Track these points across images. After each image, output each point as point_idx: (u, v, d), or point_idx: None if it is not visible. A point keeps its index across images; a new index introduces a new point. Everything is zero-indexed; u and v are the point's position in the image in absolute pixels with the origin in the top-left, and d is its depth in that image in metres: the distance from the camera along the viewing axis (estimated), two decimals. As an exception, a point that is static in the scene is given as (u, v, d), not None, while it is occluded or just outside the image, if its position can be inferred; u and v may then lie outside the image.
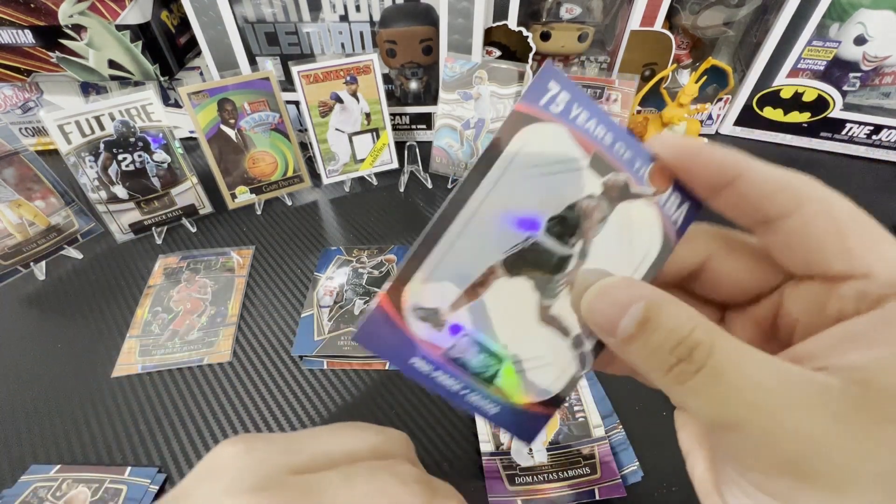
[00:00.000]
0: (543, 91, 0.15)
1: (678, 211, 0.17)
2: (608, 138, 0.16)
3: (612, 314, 0.15)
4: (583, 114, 0.16)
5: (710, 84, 0.68)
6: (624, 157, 0.16)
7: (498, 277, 0.16)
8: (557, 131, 0.16)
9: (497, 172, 0.15)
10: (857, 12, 0.63)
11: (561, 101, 0.15)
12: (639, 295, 0.14)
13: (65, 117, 0.50)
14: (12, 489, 0.36)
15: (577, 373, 0.18)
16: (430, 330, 0.16)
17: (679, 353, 0.14)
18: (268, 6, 0.63)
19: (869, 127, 0.69)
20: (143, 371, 0.45)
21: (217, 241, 0.58)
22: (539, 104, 0.15)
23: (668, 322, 0.14)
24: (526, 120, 0.15)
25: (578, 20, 0.70)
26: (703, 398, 0.13)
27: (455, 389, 0.17)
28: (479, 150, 0.63)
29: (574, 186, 0.16)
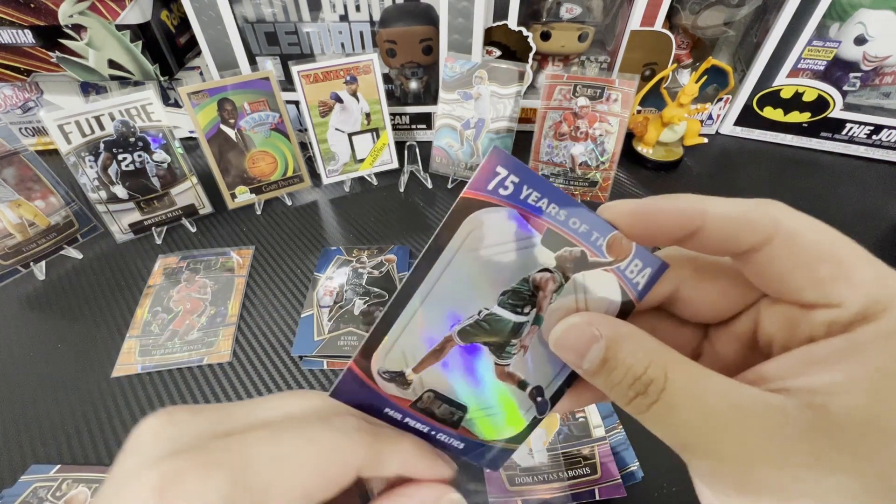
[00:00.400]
0: (492, 176, 0.16)
1: (640, 274, 0.17)
2: (562, 215, 0.17)
3: (577, 350, 0.16)
4: (533, 193, 0.16)
5: (711, 84, 0.68)
6: (580, 230, 0.17)
7: (455, 345, 0.18)
8: (506, 214, 0.16)
9: (448, 255, 0.17)
10: (857, 12, 0.63)
11: (510, 183, 0.16)
12: (598, 333, 0.16)
13: (65, 117, 0.50)
14: (12, 489, 0.36)
15: (536, 416, 0.19)
16: (397, 388, 0.18)
17: (636, 388, 0.15)
18: (268, 6, 0.63)
19: (869, 127, 0.69)
20: (142, 371, 0.45)
21: (217, 241, 0.58)
22: (487, 189, 0.16)
23: (626, 360, 0.15)
24: (474, 205, 0.16)
25: (578, 20, 0.70)
26: (660, 427, 0.15)
27: (426, 431, 0.19)
28: (479, 151, 0.63)
29: (527, 262, 0.17)
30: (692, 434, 0.14)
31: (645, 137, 0.68)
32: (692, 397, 0.14)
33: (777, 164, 0.71)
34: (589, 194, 0.62)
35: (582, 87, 0.57)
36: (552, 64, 0.74)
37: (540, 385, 0.19)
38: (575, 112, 0.58)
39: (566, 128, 0.59)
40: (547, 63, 0.74)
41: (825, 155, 0.73)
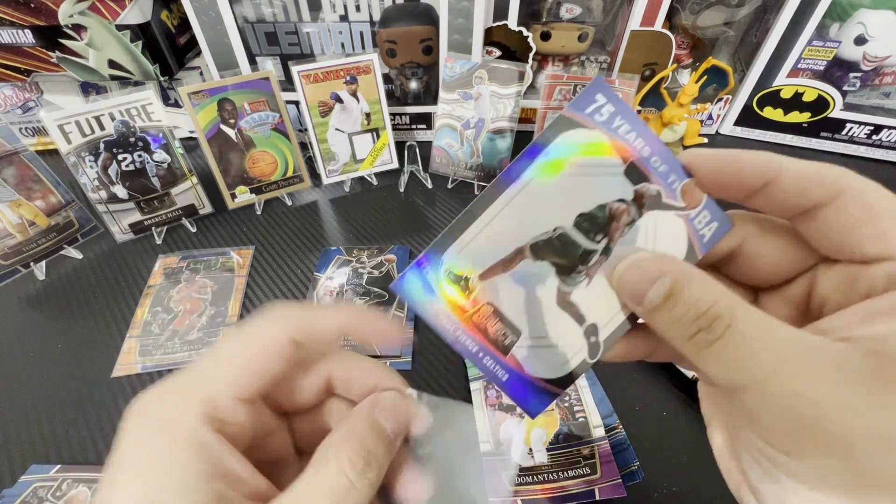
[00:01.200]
0: (591, 101, 0.17)
1: (707, 227, 0.18)
2: (646, 150, 0.17)
3: (641, 285, 0.16)
4: (624, 126, 0.17)
5: (711, 84, 0.68)
6: (659, 169, 0.18)
7: (525, 258, 0.18)
8: (598, 138, 0.17)
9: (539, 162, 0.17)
10: (857, 12, 0.63)
11: (605, 111, 0.17)
12: (667, 269, 0.16)
13: (65, 117, 0.50)
14: (12, 489, 0.36)
15: (586, 359, 0.19)
16: (459, 293, 0.18)
17: (700, 324, 0.15)
18: (268, 6, 0.63)
19: (869, 127, 0.69)
20: (143, 371, 0.45)
21: (217, 241, 0.58)
22: (585, 112, 0.17)
23: (692, 296, 0.15)
24: (571, 124, 0.17)
25: (578, 20, 0.70)
26: (720, 364, 0.15)
27: (473, 350, 0.18)
28: (479, 151, 0.63)
29: (607, 189, 0.18)
30: (756, 370, 0.14)
31: (645, 137, 0.68)
32: (757, 337, 0.14)
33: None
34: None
35: (582, 87, 0.57)
36: (552, 64, 0.74)
37: (596, 324, 0.19)
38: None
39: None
40: (547, 63, 0.74)
41: (825, 155, 0.73)
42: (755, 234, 0.19)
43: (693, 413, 0.41)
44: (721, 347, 0.15)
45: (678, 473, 0.37)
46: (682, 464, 0.38)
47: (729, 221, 0.18)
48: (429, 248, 0.18)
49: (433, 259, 0.18)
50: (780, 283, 0.19)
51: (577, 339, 0.19)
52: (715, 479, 0.38)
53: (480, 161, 0.64)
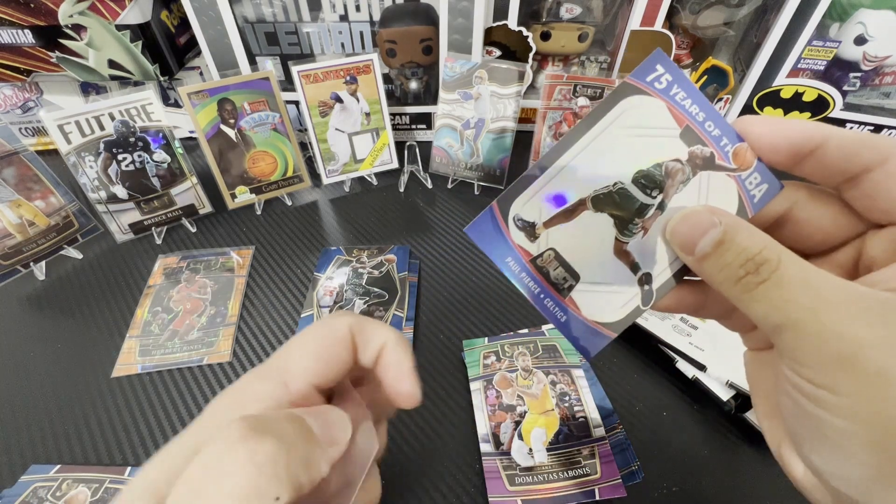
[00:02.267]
0: (651, 70, 0.19)
1: (757, 188, 0.19)
2: (701, 116, 0.19)
3: (693, 234, 0.17)
4: (681, 93, 0.19)
5: (711, 84, 0.68)
6: (713, 133, 0.19)
7: (586, 209, 0.20)
8: (657, 104, 0.19)
9: (602, 126, 0.19)
10: (857, 12, 0.63)
11: (664, 80, 0.19)
12: (719, 220, 0.17)
13: (65, 117, 0.50)
14: (12, 489, 0.36)
15: (640, 305, 0.20)
16: (525, 238, 0.20)
17: (748, 268, 0.16)
18: (268, 6, 0.63)
19: (869, 127, 0.69)
20: (142, 371, 0.45)
21: (217, 241, 0.58)
22: (646, 80, 0.19)
23: (742, 242, 0.16)
24: (632, 90, 0.19)
25: (578, 20, 0.70)
26: (766, 304, 0.15)
27: (535, 292, 0.20)
28: (479, 151, 0.63)
29: (664, 149, 0.19)
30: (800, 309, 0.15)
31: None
32: (802, 279, 0.15)
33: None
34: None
35: (582, 87, 0.57)
36: (552, 64, 0.74)
37: (650, 273, 0.20)
38: (575, 112, 0.58)
39: (566, 128, 0.59)
40: (547, 63, 0.74)
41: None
42: (805, 200, 0.19)
43: (693, 413, 0.41)
44: (767, 288, 0.15)
45: (678, 473, 0.37)
46: (682, 464, 0.38)
47: (779, 183, 0.19)
48: (500, 196, 0.20)
49: (504, 205, 0.20)
50: (829, 250, 0.20)
51: (631, 286, 0.20)
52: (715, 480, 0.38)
53: (480, 161, 0.64)
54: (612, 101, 0.19)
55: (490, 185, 0.65)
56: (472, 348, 0.45)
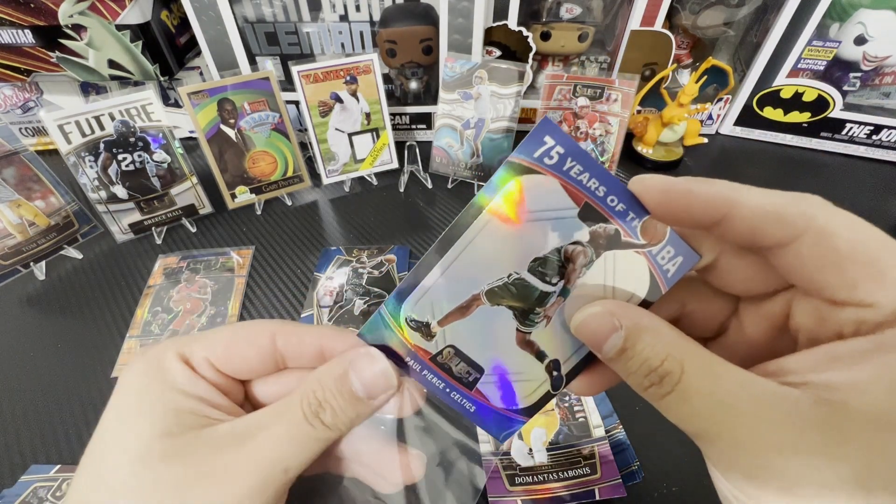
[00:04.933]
0: (539, 143, 0.17)
1: (671, 262, 0.18)
2: (601, 190, 0.17)
3: (598, 337, 0.17)
4: (576, 167, 0.17)
5: (711, 84, 0.68)
6: (617, 208, 0.17)
7: (482, 304, 0.18)
8: (549, 182, 0.17)
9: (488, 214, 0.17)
10: (857, 12, 0.63)
11: (555, 153, 0.17)
12: (619, 324, 0.16)
13: (65, 117, 0.50)
14: (12, 489, 0.36)
15: (550, 391, 0.19)
16: (421, 338, 0.19)
17: (652, 379, 0.15)
18: (268, 6, 0.63)
19: (869, 127, 0.69)
20: (142, 371, 0.45)
21: (217, 241, 0.58)
22: (534, 156, 0.17)
23: (643, 353, 0.16)
24: (519, 170, 0.17)
25: (578, 20, 0.70)
26: (673, 416, 0.15)
27: (440, 387, 0.19)
28: (479, 151, 0.63)
29: (561, 232, 0.17)
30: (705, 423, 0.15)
31: (645, 137, 0.68)
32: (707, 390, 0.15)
33: (777, 164, 0.71)
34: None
35: (582, 87, 0.57)
36: (552, 64, 0.74)
37: (557, 359, 0.19)
38: (575, 112, 0.58)
39: (566, 128, 0.59)
40: (547, 63, 0.74)
41: (825, 155, 0.73)
42: (730, 251, 0.18)
43: (693, 413, 0.41)
44: (672, 401, 0.15)
45: (678, 473, 0.37)
46: (682, 464, 0.38)
47: (695, 255, 0.18)
48: (390, 295, 0.19)
49: (395, 306, 0.19)
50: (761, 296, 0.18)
51: (538, 373, 0.19)
52: (715, 479, 0.38)
53: (480, 161, 0.64)
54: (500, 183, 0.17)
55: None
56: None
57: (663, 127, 0.67)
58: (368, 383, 0.19)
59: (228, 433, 0.18)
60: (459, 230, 0.17)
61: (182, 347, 0.20)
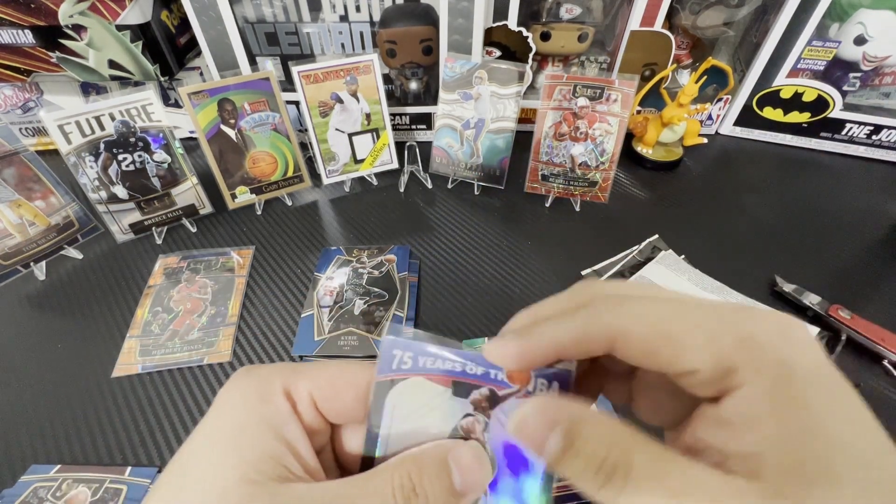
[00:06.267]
0: (390, 360, 0.19)
1: (550, 390, 0.19)
2: (458, 366, 0.19)
3: (538, 437, 0.16)
4: (428, 359, 0.19)
5: (710, 84, 0.68)
6: (477, 373, 0.19)
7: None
8: (415, 382, 0.19)
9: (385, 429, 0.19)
10: (857, 12, 0.63)
11: (407, 358, 0.19)
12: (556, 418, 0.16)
13: (65, 117, 0.50)
14: (12, 489, 0.36)
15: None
16: None
17: (605, 473, 0.15)
18: (268, 6, 0.64)
19: (869, 127, 0.69)
20: (143, 371, 0.45)
21: (217, 241, 0.58)
22: (392, 369, 0.19)
23: (587, 445, 0.15)
24: (388, 385, 0.19)
25: (578, 20, 0.70)
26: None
27: None
28: (479, 151, 0.63)
29: (450, 413, 0.19)
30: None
31: (645, 138, 0.68)
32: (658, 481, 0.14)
33: (777, 164, 0.71)
34: (589, 194, 0.62)
35: (582, 87, 0.57)
36: (552, 64, 0.74)
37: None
38: (575, 112, 0.58)
39: (566, 128, 0.59)
40: (547, 63, 0.74)
41: (825, 155, 0.73)
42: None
43: (693, 413, 0.41)
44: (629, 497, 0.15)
45: (678, 473, 0.37)
46: (682, 464, 0.38)
47: (566, 372, 0.19)
48: None
49: None
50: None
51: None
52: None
53: (480, 161, 0.64)
54: (379, 408, 0.19)
55: (490, 185, 0.65)
56: (473, 348, 0.45)
57: (663, 127, 0.67)
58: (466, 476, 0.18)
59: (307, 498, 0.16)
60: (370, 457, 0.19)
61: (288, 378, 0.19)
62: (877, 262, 0.56)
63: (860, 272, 0.54)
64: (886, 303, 0.50)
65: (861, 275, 0.54)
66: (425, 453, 0.18)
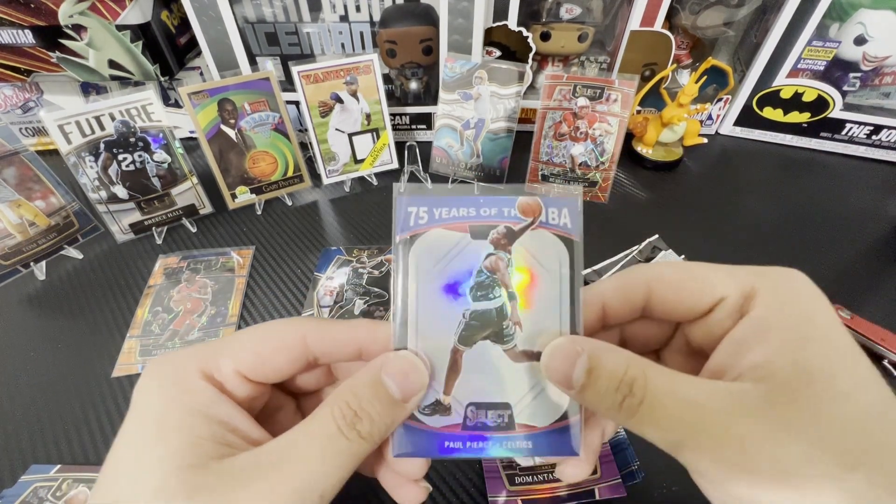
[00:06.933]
0: (406, 216, 0.20)
1: (561, 216, 0.20)
2: (472, 211, 0.20)
3: (565, 368, 0.18)
4: (443, 209, 0.20)
5: (710, 84, 0.68)
6: (491, 213, 0.20)
7: (462, 352, 0.20)
8: (434, 233, 0.20)
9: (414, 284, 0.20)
10: (857, 12, 0.63)
11: (423, 213, 0.20)
12: (581, 349, 0.18)
13: (65, 117, 0.50)
14: (12, 489, 0.36)
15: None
16: (441, 417, 0.20)
17: (623, 391, 0.16)
18: (268, 6, 0.64)
19: (869, 127, 0.69)
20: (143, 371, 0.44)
21: (217, 241, 0.58)
22: (410, 226, 0.20)
23: (608, 366, 0.17)
24: (407, 242, 0.20)
25: (578, 20, 0.70)
26: (653, 427, 0.16)
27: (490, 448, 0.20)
28: (479, 151, 0.63)
29: (472, 258, 0.20)
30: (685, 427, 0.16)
31: (644, 138, 0.68)
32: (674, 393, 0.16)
33: (777, 165, 0.71)
34: (589, 194, 0.62)
35: (582, 87, 0.57)
36: (552, 64, 0.74)
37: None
38: (575, 112, 0.58)
39: (566, 128, 0.59)
40: (547, 63, 0.74)
41: (825, 155, 0.73)
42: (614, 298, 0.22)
43: (693, 413, 0.41)
44: (647, 411, 0.16)
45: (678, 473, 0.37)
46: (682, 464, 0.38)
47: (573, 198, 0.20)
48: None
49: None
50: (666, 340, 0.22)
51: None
52: (715, 479, 0.38)
53: (480, 161, 0.64)
54: (404, 261, 0.20)
55: (490, 186, 0.65)
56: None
57: (663, 127, 0.67)
58: (402, 385, 0.19)
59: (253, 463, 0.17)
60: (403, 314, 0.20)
61: (206, 362, 0.19)
62: (877, 262, 0.56)
63: (860, 272, 0.54)
64: (886, 303, 0.50)
65: (861, 275, 0.54)
66: (357, 379, 0.19)
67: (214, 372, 0.19)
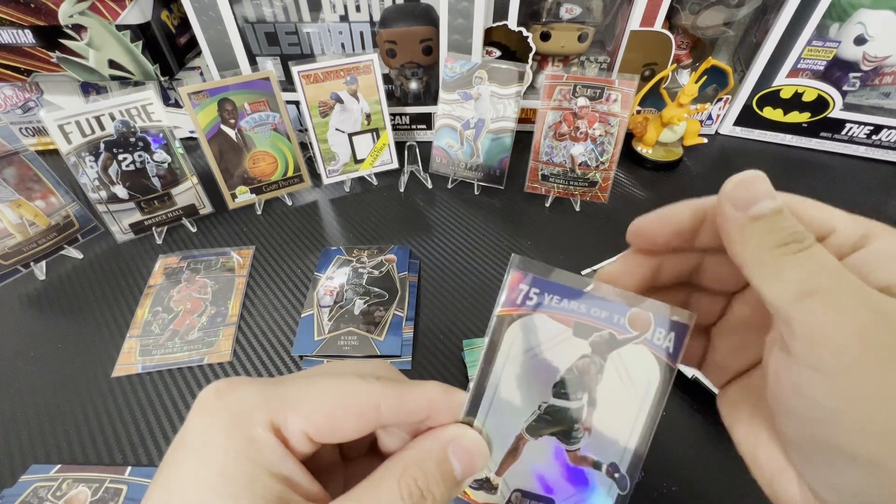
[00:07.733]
0: (517, 292, 0.19)
1: (667, 339, 0.19)
2: (583, 308, 0.19)
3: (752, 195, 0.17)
4: (554, 298, 0.19)
5: (710, 84, 0.68)
6: (602, 316, 0.19)
7: (526, 441, 0.20)
8: (538, 319, 0.19)
9: (501, 363, 0.19)
10: (857, 12, 0.63)
11: (533, 294, 0.19)
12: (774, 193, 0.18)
13: (65, 117, 0.50)
14: (12, 489, 0.36)
15: (619, 493, 0.20)
16: (486, 494, 0.20)
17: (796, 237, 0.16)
18: (268, 6, 0.63)
19: (869, 127, 0.69)
20: (143, 371, 0.45)
21: (217, 241, 0.58)
22: (516, 303, 0.19)
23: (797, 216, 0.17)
24: (510, 320, 0.19)
25: (578, 20, 0.70)
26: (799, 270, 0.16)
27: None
28: (479, 151, 0.63)
29: (567, 354, 0.20)
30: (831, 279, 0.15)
31: (644, 138, 0.68)
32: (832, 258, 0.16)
33: (777, 164, 0.71)
34: (589, 194, 0.62)
35: (582, 87, 0.57)
36: (552, 64, 0.74)
37: (614, 462, 0.20)
38: (575, 112, 0.58)
39: (566, 128, 0.59)
40: (547, 63, 0.74)
41: (825, 155, 0.73)
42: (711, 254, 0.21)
43: (693, 413, 0.41)
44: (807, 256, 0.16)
45: (678, 473, 0.37)
46: (682, 464, 0.38)
47: (684, 323, 0.19)
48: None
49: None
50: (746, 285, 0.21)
51: (602, 481, 0.20)
52: (715, 479, 0.38)
53: (480, 161, 0.64)
54: (499, 335, 0.19)
55: (490, 185, 0.65)
56: (473, 348, 0.45)
57: (663, 127, 0.67)
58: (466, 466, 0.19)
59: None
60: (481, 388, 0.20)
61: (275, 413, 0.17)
62: (877, 262, 0.56)
63: (860, 272, 0.54)
64: (886, 303, 0.50)
65: (861, 275, 0.54)
66: (424, 453, 0.19)
67: (282, 425, 0.17)
